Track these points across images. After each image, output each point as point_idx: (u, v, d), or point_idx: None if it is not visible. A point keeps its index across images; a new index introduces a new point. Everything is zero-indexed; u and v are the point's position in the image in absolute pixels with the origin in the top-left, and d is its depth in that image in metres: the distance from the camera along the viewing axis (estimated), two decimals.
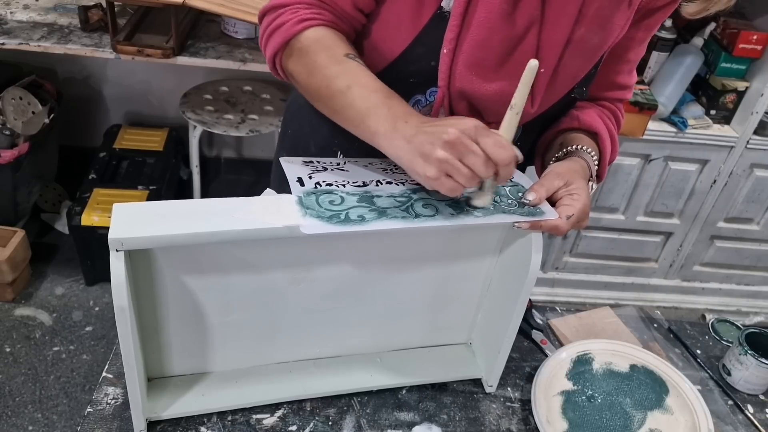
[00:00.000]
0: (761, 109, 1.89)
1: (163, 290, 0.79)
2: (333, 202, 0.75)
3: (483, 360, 0.98)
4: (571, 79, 0.89)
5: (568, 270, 2.25)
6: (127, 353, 0.74)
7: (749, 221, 2.17)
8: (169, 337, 0.85)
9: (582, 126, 0.96)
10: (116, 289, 0.69)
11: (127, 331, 0.72)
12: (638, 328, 1.16)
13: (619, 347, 1.02)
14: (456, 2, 0.79)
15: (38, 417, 1.75)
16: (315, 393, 0.92)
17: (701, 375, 1.08)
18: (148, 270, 0.77)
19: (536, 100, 0.86)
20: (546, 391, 0.93)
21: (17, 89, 2.05)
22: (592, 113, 0.97)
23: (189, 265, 0.78)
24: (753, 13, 1.91)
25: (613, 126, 1.00)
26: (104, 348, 1.95)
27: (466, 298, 0.95)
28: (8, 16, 1.79)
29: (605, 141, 0.96)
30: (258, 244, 0.78)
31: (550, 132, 0.99)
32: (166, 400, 0.87)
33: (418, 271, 0.89)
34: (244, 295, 0.83)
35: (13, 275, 2.00)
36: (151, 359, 0.87)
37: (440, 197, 0.79)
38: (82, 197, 2.03)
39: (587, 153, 0.92)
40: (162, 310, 0.81)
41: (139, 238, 0.68)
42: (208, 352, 0.89)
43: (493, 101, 0.85)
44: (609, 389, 0.97)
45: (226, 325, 0.86)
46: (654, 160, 1.97)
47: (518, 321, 0.88)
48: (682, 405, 0.95)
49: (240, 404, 0.89)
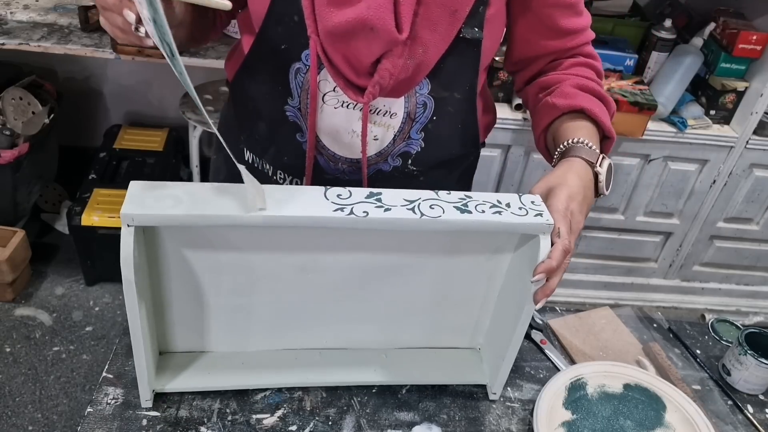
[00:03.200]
0: (761, 109, 1.89)
1: (174, 269, 0.83)
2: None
3: (489, 367, 0.98)
4: (450, 15, 0.83)
5: (568, 270, 2.22)
6: (134, 324, 0.77)
7: (749, 221, 2.17)
8: (179, 315, 0.88)
9: (564, 110, 0.93)
10: (124, 262, 0.71)
11: (133, 302, 0.75)
12: (638, 328, 1.16)
13: (610, 368, 1.01)
14: None
15: (38, 417, 1.75)
16: (318, 382, 0.94)
17: (701, 375, 1.09)
18: (160, 248, 0.80)
19: (404, 28, 0.81)
20: (548, 426, 0.91)
21: (17, 89, 2.06)
22: (566, 88, 0.94)
23: (198, 246, 0.81)
24: (753, 13, 1.91)
25: (595, 80, 0.97)
26: (104, 348, 1.95)
27: (473, 301, 0.95)
28: (8, 16, 1.79)
29: (593, 109, 0.92)
30: (268, 231, 0.80)
31: (537, 133, 0.98)
32: (173, 375, 0.91)
33: (426, 270, 0.90)
34: (254, 279, 0.86)
35: (13, 275, 2.00)
36: (162, 335, 0.91)
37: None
38: (82, 197, 2.03)
39: (579, 145, 0.88)
40: (172, 288, 0.85)
41: (149, 215, 0.70)
42: (217, 333, 0.92)
43: (357, 31, 0.80)
44: (607, 414, 0.96)
45: (237, 308, 0.89)
46: (653, 160, 1.97)
47: (523, 329, 0.87)
48: (682, 419, 0.95)
49: (244, 385, 0.92)
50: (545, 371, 1.04)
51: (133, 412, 0.88)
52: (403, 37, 0.80)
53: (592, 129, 0.92)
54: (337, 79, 0.86)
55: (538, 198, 0.83)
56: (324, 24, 0.81)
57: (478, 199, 0.81)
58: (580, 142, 0.89)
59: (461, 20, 0.84)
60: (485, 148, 1.95)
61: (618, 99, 1.77)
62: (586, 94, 0.94)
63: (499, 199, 0.82)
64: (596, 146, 0.90)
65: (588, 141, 0.89)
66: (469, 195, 0.81)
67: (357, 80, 0.85)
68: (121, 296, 2.12)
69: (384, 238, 0.85)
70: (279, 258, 0.84)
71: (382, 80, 0.84)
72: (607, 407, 0.97)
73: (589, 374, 0.99)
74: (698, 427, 0.93)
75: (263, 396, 0.93)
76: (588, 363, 1.02)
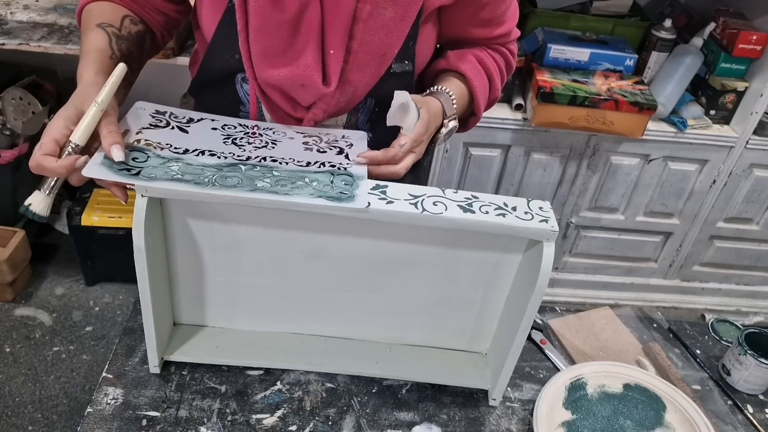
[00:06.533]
0: (761, 109, 1.89)
1: (183, 242, 0.88)
2: (136, 159, 0.77)
3: (492, 372, 0.98)
4: (379, 58, 0.88)
5: (568, 270, 2.25)
6: (143, 292, 0.82)
7: (749, 221, 2.17)
8: (189, 290, 0.94)
9: (450, 67, 0.99)
10: (136, 230, 0.77)
11: (143, 272, 0.80)
12: (638, 328, 1.16)
13: (609, 368, 1.01)
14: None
15: (38, 417, 1.75)
16: (320, 368, 0.96)
17: (701, 375, 1.09)
18: (174, 220, 0.85)
19: (332, 81, 0.86)
20: (548, 426, 0.91)
21: (17, 89, 2.05)
22: (467, 53, 0.99)
23: (208, 219, 0.86)
24: (753, 13, 1.91)
25: (498, 65, 1.02)
26: (104, 348, 1.95)
27: (473, 304, 0.95)
28: (8, 16, 1.79)
29: (472, 80, 0.97)
30: (272, 212, 0.83)
31: (429, 73, 1.02)
32: (181, 345, 0.95)
33: (431, 268, 0.90)
34: (264, 260, 0.89)
35: (13, 275, 2.00)
36: (176, 307, 0.96)
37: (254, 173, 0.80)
38: (82, 197, 2.03)
39: (445, 93, 0.94)
40: (182, 263, 0.90)
41: (161, 189, 0.74)
42: (226, 310, 0.97)
43: (289, 87, 0.87)
44: (607, 414, 0.96)
45: (246, 288, 0.93)
46: (653, 160, 1.97)
47: (523, 336, 0.87)
48: (682, 419, 0.95)
49: (249, 363, 0.96)
50: (545, 371, 1.04)
51: (133, 412, 0.88)
52: (331, 89, 0.87)
53: (464, 95, 0.98)
54: (274, 114, 0.92)
55: (546, 204, 0.83)
56: (260, 75, 0.86)
57: (485, 200, 0.81)
58: (449, 93, 0.95)
59: (390, 60, 0.89)
60: (485, 148, 1.97)
61: (618, 99, 1.77)
62: (479, 68, 0.99)
63: (506, 202, 0.82)
64: (458, 108, 0.96)
65: (455, 97, 0.95)
66: (476, 195, 0.82)
67: (294, 113, 0.91)
68: (121, 296, 2.12)
69: (390, 233, 0.86)
70: (287, 241, 0.87)
71: (316, 116, 0.90)
72: (607, 407, 0.97)
73: (589, 374, 0.99)
74: (698, 427, 0.93)
75: (263, 396, 0.93)
76: (588, 363, 1.02)
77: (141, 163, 0.77)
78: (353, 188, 0.78)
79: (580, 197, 2.06)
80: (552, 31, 1.92)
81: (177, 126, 0.86)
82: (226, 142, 0.84)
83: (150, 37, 0.96)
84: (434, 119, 0.91)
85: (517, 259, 0.89)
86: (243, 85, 0.93)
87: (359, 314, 0.96)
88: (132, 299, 2.03)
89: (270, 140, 0.86)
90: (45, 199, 0.77)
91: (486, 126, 1.86)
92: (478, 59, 1.00)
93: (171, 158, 0.78)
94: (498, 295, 0.94)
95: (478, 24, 0.97)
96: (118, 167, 0.75)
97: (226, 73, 0.92)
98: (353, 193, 0.77)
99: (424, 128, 0.88)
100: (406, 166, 0.88)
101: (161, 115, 0.88)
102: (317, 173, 0.80)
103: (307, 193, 0.76)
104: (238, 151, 0.82)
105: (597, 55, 1.87)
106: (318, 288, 0.93)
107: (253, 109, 0.93)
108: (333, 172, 0.81)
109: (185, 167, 0.77)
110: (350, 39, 0.85)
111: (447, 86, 0.95)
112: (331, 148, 0.87)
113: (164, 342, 0.94)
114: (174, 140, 0.82)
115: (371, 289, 0.93)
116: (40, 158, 0.73)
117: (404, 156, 0.87)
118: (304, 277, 0.91)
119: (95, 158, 0.75)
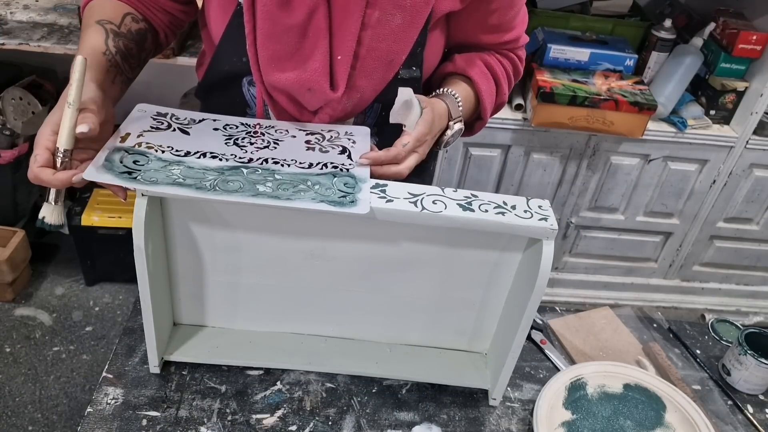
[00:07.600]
0: (761, 109, 1.89)
1: (182, 243, 0.88)
2: (137, 162, 0.77)
3: (492, 372, 0.98)
4: (387, 64, 0.88)
5: (568, 270, 2.25)
6: (143, 292, 0.83)
7: (749, 221, 2.17)
8: (189, 290, 0.94)
9: (457, 70, 0.99)
10: (136, 230, 0.77)
11: (143, 272, 0.80)
12: (638, 328, 1.16)
13: (609, 368, 1.01)
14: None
15: (38, 417, 1.75)
16: (320, 368, 0.96)
17: (701, 375, 1.09)
18: (175, 220, 0.86)
19: (339, 86, 0.86)
20: (548, 426, 0.91)
21: (17, 89, 2.05)
22: (475, 58, 0.99)
23: (208, 222, 0.86)
24: (753, 13, 1.91)
25: (506, 70, 1.02)
26: (104, 348, 1.95)
27: (474, 303, 0.96)
28: (8, 16, 1.79)
29: (479, 84, 0.97)
30: (272, 213, 0.84)
31: (436, 76, 1.02)
32: (181, 345, 0.96)
33: (431, 267, 0.90)
34: (264, 260, 0.89)
35: (13, 275, 2.00)
36: (176, 307, 0.96)
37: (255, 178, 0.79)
38: (82, 197, 2.03)
39: (451, 96, 0.94)
40: (182, 263, 0.91)
41: (163, 193, 0.75)
42: (226, 310, 0.97)
43: (296, 91, 0.87)
44: (607, 414, 0.96)
45: (247, 288, 0.93)
46: (653, 160, 1.97)
47: (523, 336, 0.87)
48: (682, 419, 0.95)
49: (249, 363, 0.96)
50: (545, 371, 1.04)
51: (133, 412, 0.88)
52: (338, 95, 0.87)
53: (471, 98, 0.98)
54: (281, 118, 0.92)
55: (545, 202, 0.83)
56: (267, 78, 0.86)
57: (484, 199, 0.81)
58: (454, 96, 0.95)
59: (398, 66, 0.89)
60: (485, 148, 1.96)
61: (618, 99, 1.77)
62: (486, 72, 0.99)
63: (505, 201, 0.82)
64: (464, 112, 0.96)
65: (460, 100, 0.95)
66: (475, 194, 0.82)
67: (300, 117, 0.91)
68: (121, 296, 2.12)
69: (390, 233, 0.86)
70: (287, 241, 0.87)
71: (323, 121, 0.91)
72: (607, 407, 0.97)
73: (589, 374, 0.99)
74: (698, 427, 0.93)
75: (263, 396, 0.93)
76: (588, 363, 1.02)
77: (142, 166, 0.77)
78: (355, 191, 0.78)
79: (580, 197, 2.06)
80: (552, 31, 1.92)
81: (178, 128, 0.86)
82: (227, 143, 0.84)
83: (152, 36, 0.96)
84: (438, 120, 0.91)
85: (516, 258, 0.89)
86: (250, 88, 0.93)
87: (359, 314, 0.96)
88: (132, 299, 2.03)
89: (272, 140, 0.86)
90: (56, 209, 0.77)
91: (486, 126, 1.86)
92: (485, 63, 1.00)
93: (172, 161, 0.78)
94: (498, 295, 0.94)
95: (487, 30, 0.97)
96: (119, 170, 0.75)
97: (233, 75, 0.92)
98: (356, 198, 0.77)
99: (427, 127, 0.88)
100: (409, 166, 0.87)
101: (162, 117, 0.88)
102: (319, 175, 0.80)
103: (308, 197, 0.76)
104: (239, 152, 0.82)
105: (597, 55, 1.87)
106: (318, 288, 0.93)
107: (260, 112, 0.93)
108: (335, 174, 0.81)
109: (187, 171, 0.77)
110: (358, 45, 0.85)
111: (453, 89, 0.95)
112: (333, 147, 0.86)
113: (164, 342, 0.94)
114: (175, 142, 0.82)
115: (371, 289, 0.93)
116: (37, 171, 0.73)
117: (407, 155, 0.87)
118: (304, 277, 0.91)
119: (96, 161, 0.75)
